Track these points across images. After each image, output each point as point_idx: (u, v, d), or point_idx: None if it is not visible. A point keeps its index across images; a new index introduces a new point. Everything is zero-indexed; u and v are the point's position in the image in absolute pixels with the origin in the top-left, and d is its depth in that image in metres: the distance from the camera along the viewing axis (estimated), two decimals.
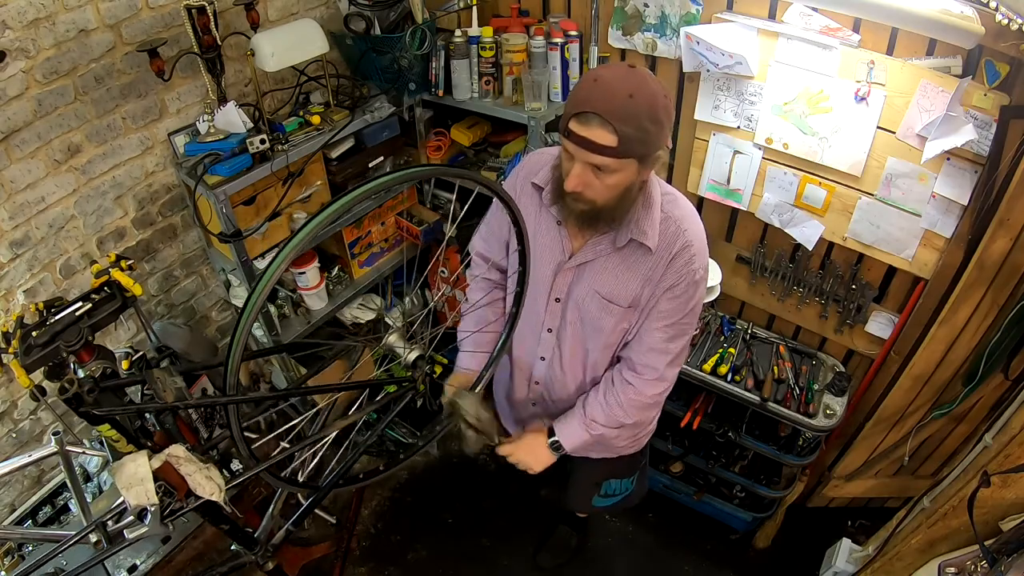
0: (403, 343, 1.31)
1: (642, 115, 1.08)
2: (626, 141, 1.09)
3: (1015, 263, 1.58)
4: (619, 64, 1.14)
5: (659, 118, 1.11)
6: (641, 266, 1.30)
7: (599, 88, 1.08)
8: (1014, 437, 1.44)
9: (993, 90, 1.49)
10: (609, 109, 1.07)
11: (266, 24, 1.99)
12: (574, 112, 1.11)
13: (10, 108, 1.55)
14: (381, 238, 2.45)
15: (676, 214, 1.28)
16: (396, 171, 1.03)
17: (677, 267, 1.28)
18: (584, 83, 1.12)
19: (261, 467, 1.10)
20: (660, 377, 1.41)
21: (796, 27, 1.67)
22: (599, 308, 1.36)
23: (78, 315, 1.06)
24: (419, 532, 2.50)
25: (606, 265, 1.32)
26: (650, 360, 1.39)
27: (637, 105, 1.07)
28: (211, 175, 1.79)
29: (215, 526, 1.35)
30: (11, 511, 1.88)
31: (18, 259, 1.71)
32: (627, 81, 1.08)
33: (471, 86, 2.11)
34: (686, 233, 1.28)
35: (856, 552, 2.07)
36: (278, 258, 0.92)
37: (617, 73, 1.10)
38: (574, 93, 1.13)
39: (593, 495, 1.87)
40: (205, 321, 2.34)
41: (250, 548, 1.52)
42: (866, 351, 2.02)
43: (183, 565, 1.85)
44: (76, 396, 0.98)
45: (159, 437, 1.14)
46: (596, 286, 1.34)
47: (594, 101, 1.08)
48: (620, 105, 1.07)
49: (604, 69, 1.13)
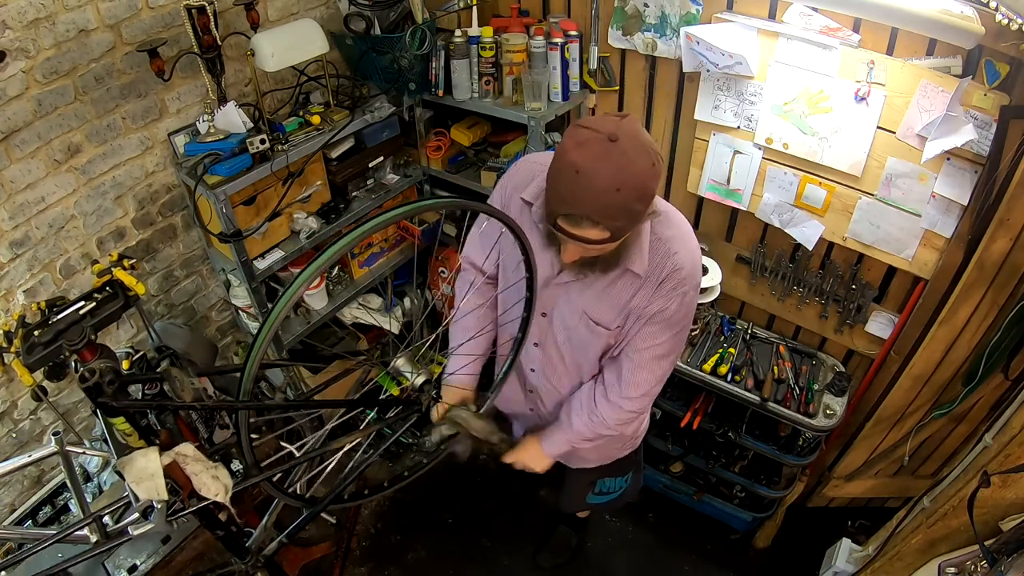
0: (411, 367, 1.30)
1: (631, 202, 1.03)
2: (619, 230, 1.07)
3: (1015, 263, 1.58)
4: (597, 136, 0.99)
5: (647, 194, 1.05)
6: (629, 288, 1.27)
7: (582, 184, 1.00)
8: (1014, 437, 1.44)
9: (993, 90, 1.49)
10: (597, 209, 1.02)
11: (266, 24, 1.99)
12: (560, 212, 1.06)
13: (10, 108, 1.55)
14: (381, 238, 2.45)
15: (667, 235, 1.24)
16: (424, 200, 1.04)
17: (666, 291, 1.25)
18: (565, 174, 1.02)
19: (263, 476, 1.10)
20: (645, 393, 1.40)
21: (796, 27, 1.67)
22: (586, 328, 1.36)
23: (81, 314, 1.06)
24: (419, 532, 2.50)
25: (594, 285, 1.29)
26: (637, 378, 1.37)
27: (625, 197, 1.01)
28: (211, 175, 1.80)
29: (210, 531, 1.35)
30: (11, 511, 1.88)
31: (18, 259, 1.71)
32: (610, 165, 0.99)
33: (471, 86, 2.11)
34: (676, 256, 1.23)
35: (856, 552, 2.07)
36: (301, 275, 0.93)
37: (598, 155, 0.99)
38: (556, 185, 1.05)
39: (587, 493, 1.88)
40: (205, 321, 2.34)
41: (241, 557, 1.52)
42: (866, 351, 2.02)
43: (183, 565, 1.85)
44: (96, 386, 0.98)
45: (164, 436, 1.14)
46: (584, 306, 1.33)
47: (580, 203, 1.02)
48: (608, 202, 1.01)
49: (581, 153, 1.01)
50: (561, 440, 1.51)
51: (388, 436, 1.53)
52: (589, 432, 1.46)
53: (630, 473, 1.87)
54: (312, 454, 1.23)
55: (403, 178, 2.37)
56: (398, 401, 1.33)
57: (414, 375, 1.29)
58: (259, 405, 1.01)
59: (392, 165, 2.37)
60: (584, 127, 1.03)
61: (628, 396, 1.39)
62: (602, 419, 1.43)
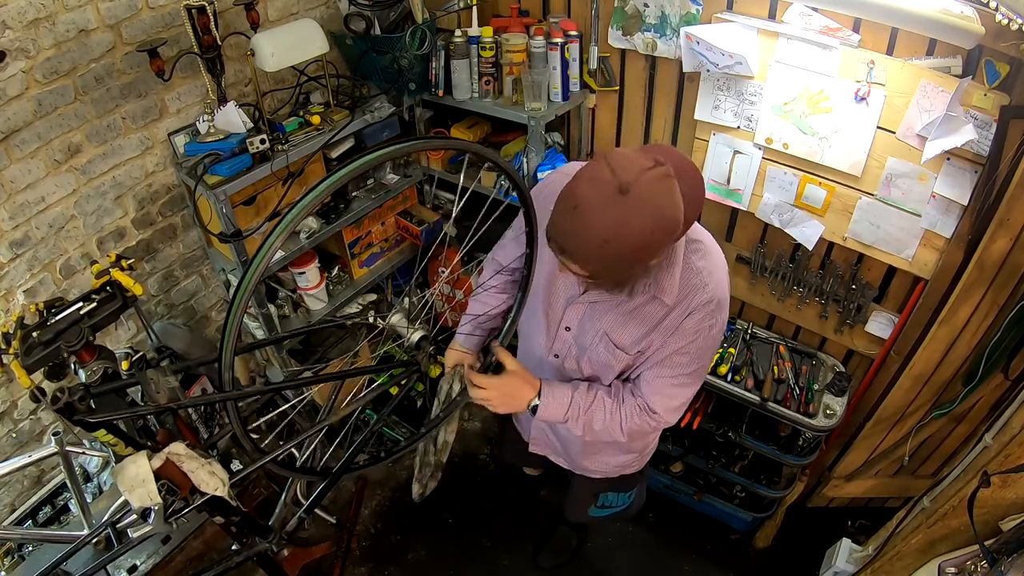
0: (406, 323, 1.29)
1: (615, 257, 0.99)
2: (598, 275, 1.06)
3: (1015, 263, 1.58)
4: (611, 181, 0.93)
5: (639, 256, 1.02)
6: (656, 315, 1.23)
7: (575, 220, 0.97)
8: (1014, 437, 1.44)
9: (993, 90, 1.49)
10: (579, 249, 1.00)
11: (266, 24, 1.99)
12: (549, 233, 1.03)
13: (10, 108, 1.55)
14: (381, 238, 2.45)
15: (700, 265, 1.20)
16: (405, 140, 1.02)
17: (694, 322, 1.20)
18: (566, 202, 0.99)
19: (267, 459, 1.10)
20: (665, 419, 1.35)
21: (796, 27, 1.67)
22: (606, 350, 1.32)
23: (80, 315, 1.06)
24: (419, 532, 2.50)
25: (620, 307, 1.25)
26: (656, 404, 1.33)
27: (611, 250, 0.97)
28: (211, 175, 1.80)
29: (226, 518, 1.34)
30: (11, 511, 1.88)
31: (18, 259, 1.71)
32: (607, 216, 0.95)
33: (471, 86, 2.11)
34: (707, 288, 1.19)
35: (856, 552, 2.07)
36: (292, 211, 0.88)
37: (601, 200, 0.95)
38: (557, 206, 1.01)
39: (590, 506, 1.87)
40: (205, 321, 2.34)
41: (264, 536, 1.52)
42: (866, 351, 2.02)
43: (183, 565, 1.85)
44: (68, 406, 0.97)
45: (161, 436, 1.14)
46: (606, 327, 1.29)
47: (567, 237, 1.00)
48: (591, 250, 0.98)
49: (588, 189, 0.96)
50: (563, 393, 1.35)
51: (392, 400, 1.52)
52: (600, 425, 1.34)
53: (634, 489, 1.86)
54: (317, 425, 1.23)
55: (403, 178, 2.37)
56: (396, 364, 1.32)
57: (410, 332, 1.28)
58: (238, 394, 0.99)
59: (392, 165, 2.38)
60: (608, 163, 0.96)
61: (650, 417, 1.34)
62: (619, 424, 1.34)
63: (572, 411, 1.35)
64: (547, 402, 1.35)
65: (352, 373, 1.39)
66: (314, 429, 1.22)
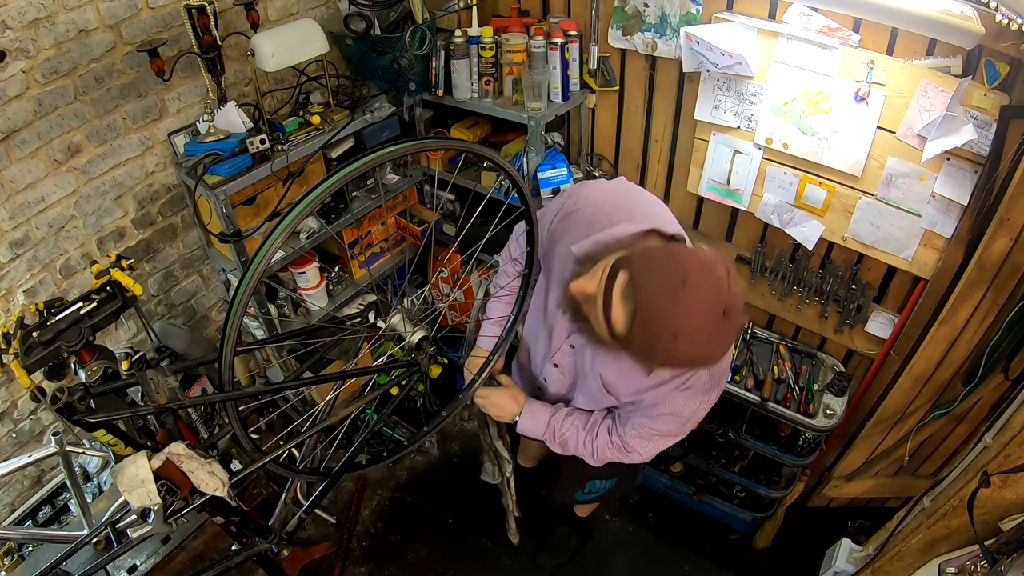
0: (406, 324, 1.29)
1: (665, 355, 0.96)
2: (629, 348, 1.01)
3: (1015, 263, 1.58)
4: (715, 307, 0.91)
5: (684, 362, 1.03)
6: (654, 378, 1.23)
7: (677, 346, 0.92)
8: (1014, 437, 1.44)
9: (993, 90, 1.49)
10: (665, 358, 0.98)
11: (266, 24, 1.99)
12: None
13: (10, 108, 1.55)
14: (381, 238, 2.45)
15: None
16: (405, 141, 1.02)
17: (690, 394, 1.23)
18: (664, 337, 0.92)
19: (267, 459, 1.10)
20: (640, 457, 1.43)
21: (796, 27, 1.67)
22: (598, 388, 1.37)
23: (80, 315, 1.06)
24: (419, 532, 2.50)
25: (619, 361, 1.24)
26: (635, 444, 1.39)
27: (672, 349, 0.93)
28: (211, 175, 1.80)
29: (226, 518, 1.35)
30: (11, 511, 1.88)
31: (18, 259, 1.71)
32: (714, 341, 0.95)
33: (471, 86, 2.11)
34: (710, 368, 1.17)
35: (856, 552, 2.07)
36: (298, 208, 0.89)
37: (711, 333, 0.92)
38: (652, 336, 0.93)
39: (577, 491, 1.92)
40: (205, 321, 2.34)
41: (264, 536, 1.52)
42: (866, 351, 2.02)
43: (183, 565, 1.85)
44: (68, 405, 0.97)
45: (161, 436, 1.14)
46: (600, 368, 1.32)
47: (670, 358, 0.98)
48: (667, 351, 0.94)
49: (695, 323, 0.90)
50: (542, 415, 1.47)
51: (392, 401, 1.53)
52: (573, 443, 1.45)
53: (616, 477, 1.89)
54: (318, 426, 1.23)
55: (403, 178, 2.37)
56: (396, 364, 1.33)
57: (410, 333, 1.28)
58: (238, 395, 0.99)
59: (392, 165, 2.37)
60: (728, 276, 0.92)
61: (628, 453, 1.41)
62: (598, 447, 1.43)
63: (548, 432, 1.48)
64: (526, 421, 1.50)
65: (352, 374, 1.39)
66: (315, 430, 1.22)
